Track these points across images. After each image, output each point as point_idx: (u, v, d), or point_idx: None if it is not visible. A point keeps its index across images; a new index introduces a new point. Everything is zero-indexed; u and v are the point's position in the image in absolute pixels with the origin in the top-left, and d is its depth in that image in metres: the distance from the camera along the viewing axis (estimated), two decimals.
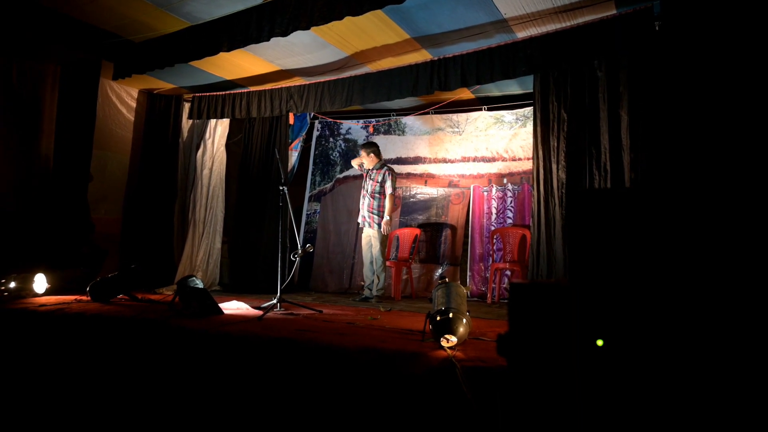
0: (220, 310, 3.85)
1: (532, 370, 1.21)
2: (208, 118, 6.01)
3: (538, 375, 1.20)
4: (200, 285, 4.20)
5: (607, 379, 1.09)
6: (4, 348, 3.61)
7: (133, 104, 6.00)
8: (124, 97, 5.90)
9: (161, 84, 5.83)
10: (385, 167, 5.40)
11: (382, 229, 5.25)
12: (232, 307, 4.27)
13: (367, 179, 5.45)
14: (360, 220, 5.49)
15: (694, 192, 1.47)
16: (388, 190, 5.29)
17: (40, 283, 4.55)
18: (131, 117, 5.98)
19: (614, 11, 3.81)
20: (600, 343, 1.09)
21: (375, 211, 5.31)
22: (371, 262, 5.34)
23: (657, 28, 3.61)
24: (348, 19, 3.67)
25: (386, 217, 5.25)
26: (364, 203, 5.41)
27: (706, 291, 1.19)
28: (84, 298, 4.33)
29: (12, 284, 4.41)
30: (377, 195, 5.33)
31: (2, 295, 4.32)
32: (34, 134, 5.28)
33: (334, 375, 2.62)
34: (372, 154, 5.42)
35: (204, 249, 5.99)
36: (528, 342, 1.21)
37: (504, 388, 1.79)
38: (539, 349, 1.20)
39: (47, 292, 4.56)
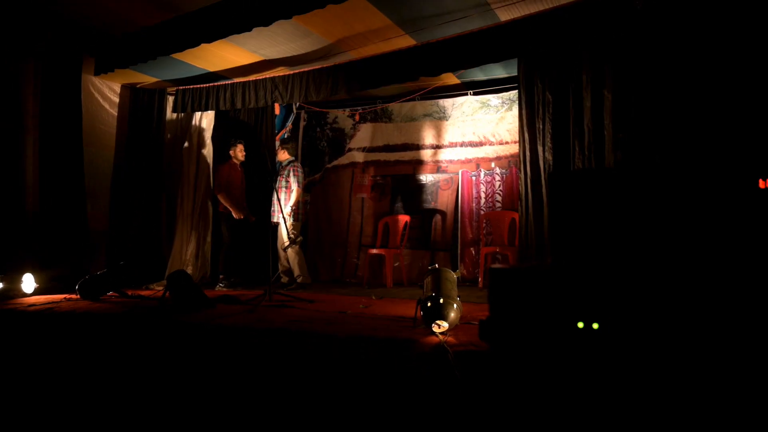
0: (211, 304, 3.86)
1: (514, 354, 1.22)
2: (193, 111, 5.94)
3: (520, 358, 1.21)
4: (190, 279, 4.19)
5: (588, 360, 1.10)
6: None
7: (116, 99, 5.91)
8: (106, 93, 5.81)
9: (144, 78, 5.74)
10: (291, 164, 5.67)
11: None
12: (224, 299, 4.27)
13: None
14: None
15: (676, 172, 1.48)
16: (293, 185, 5.56)
17: (28, 282, 4.52)
18: (114, 112, 5.90)
19: None
20: (581, 325, 1.10)
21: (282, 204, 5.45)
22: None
23: (639, 7, 3.61)
24: (330, 7, 3.63)
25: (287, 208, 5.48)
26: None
27: (689, 271, 1.20)
28: (73, 296, 4.31)
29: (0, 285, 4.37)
30: (284, 189, 5.59)
31: None
32: (18, 132, 5.19)
33: (327, 363, 2.64)
34: (285, 151, 5.74)
35: (193, 243, 5.95)
36: (509, 326, 1.22)
37: (489, 371, 1.82)
38: (520, 332, 1.22)
39: (36, 292, 4.53)
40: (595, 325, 1.16)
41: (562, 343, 1.14)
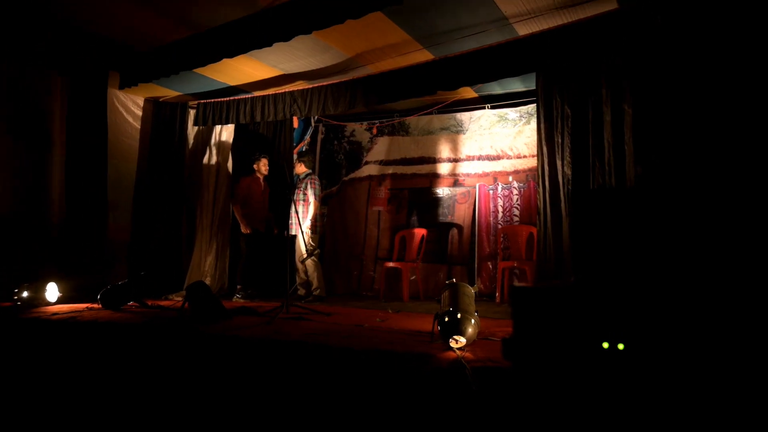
0: (229, 315, 3.88)
1: (538, 373, 1.20)
2: (213, 124, 6.04)
3: (544, 378, 1.20)
4: (209, 291, 4.23)
5: (614, 381, 1.08)
6: (22, 357, 3.66)
7: (139, 113, 6.04)
8: (129, 106, 5.95)
9: (166, 92, 5.87)
10: (309, 176, 5.71)
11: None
12: (241, 311, 4.30)
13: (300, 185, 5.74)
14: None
15: (699, 189, 1.46)
16: (311, 197, 5.59)
17: (51, 292, 4.61)
18: (137, 125, 6.02)
19: (616, 5, 3.79)
20: (606, 345, 1.09)
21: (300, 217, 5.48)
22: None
23: (659, 21, 3.59)
24: (349, 22, 3.68)
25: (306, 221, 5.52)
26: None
27: (719, 288, 1.18)
28: (95, 305, 4.38)
29: (25, 294, 4.46)
30: (302, 202, 5.61)
31: (16, 305, 4.38)
32: (45, 144, 5.33)
33: (344, 377, 2.63)
34: (302, 164, 5.78)
35: (212, 254, 6.01)
36: (532, 345, 1.21)
37: (508, 388, 1.80)
38: (544, 351, 1.20)
39: (59, 301, 4.62)
40: (621, 346, 1.15)
41: (587, 363, 1.12)
